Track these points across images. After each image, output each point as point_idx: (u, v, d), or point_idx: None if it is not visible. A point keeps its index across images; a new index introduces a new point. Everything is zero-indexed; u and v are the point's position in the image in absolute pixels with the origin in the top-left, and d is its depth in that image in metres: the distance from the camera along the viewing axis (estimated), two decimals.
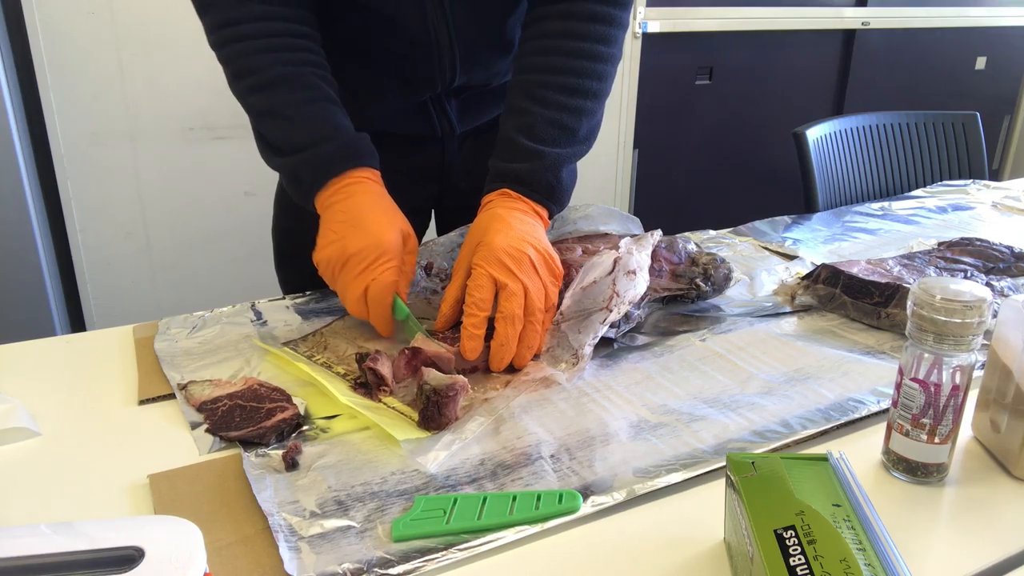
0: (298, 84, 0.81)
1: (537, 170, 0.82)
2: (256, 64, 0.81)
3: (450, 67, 0.92)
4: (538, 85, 0.84)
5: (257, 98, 0.82)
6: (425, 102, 0.97)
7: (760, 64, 2.85)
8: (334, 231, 0.78)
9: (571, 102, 0.83)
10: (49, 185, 1.87)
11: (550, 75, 0.84)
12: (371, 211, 0.79)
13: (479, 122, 1.04)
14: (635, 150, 2.65)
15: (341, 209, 0.79)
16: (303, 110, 0.81)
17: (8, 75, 1.72)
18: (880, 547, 0.44)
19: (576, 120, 0.84)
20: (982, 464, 0.63)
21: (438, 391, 0.66)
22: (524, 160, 0.82)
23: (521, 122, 0.83)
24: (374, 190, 0.81)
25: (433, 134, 1.01)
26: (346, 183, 0.80)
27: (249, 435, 0.64)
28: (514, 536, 0.54)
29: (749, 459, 0.51)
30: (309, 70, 0.82)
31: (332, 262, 0.77)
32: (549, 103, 0.83)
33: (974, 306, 0.54)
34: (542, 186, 0.82)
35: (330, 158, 0.80)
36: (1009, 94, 3.56)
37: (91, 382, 0.75)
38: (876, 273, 0.90)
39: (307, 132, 0.81)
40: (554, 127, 0.83)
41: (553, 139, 0.83)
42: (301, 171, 0.81)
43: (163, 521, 0.41)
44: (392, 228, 0.78)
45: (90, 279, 1.96)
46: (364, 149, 0.83)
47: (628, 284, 0.77)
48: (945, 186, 1.50)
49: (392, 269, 0.77)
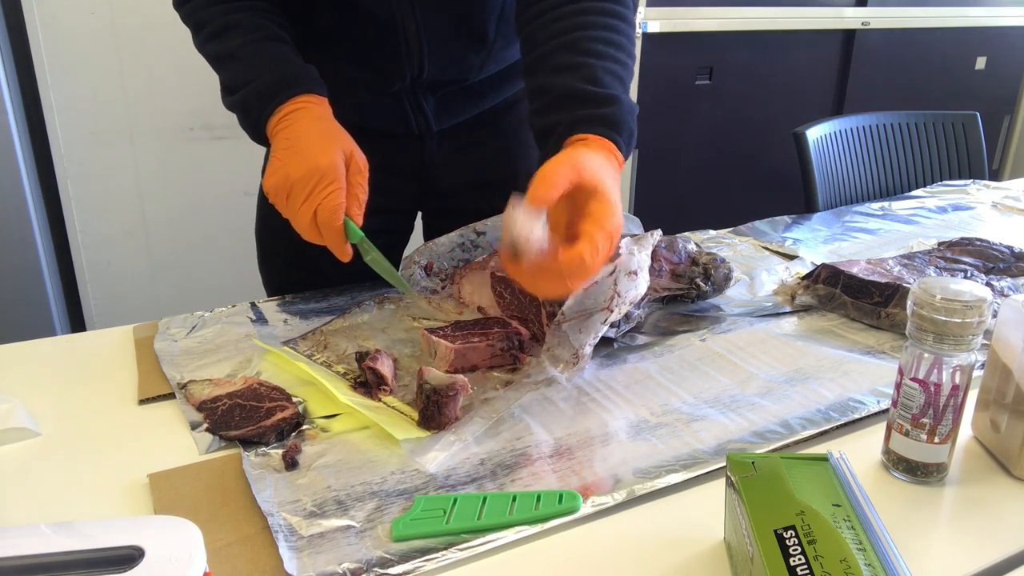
0: (246, 27, 0.83)
1: (619, 112, 0.76)
2: (210, 14, 0.84)
3: (418, 57, 0.92)
4: (585, 40, 0.80)
5: (212, 45, 0.84)
6: (400, 98, 0.97)
7: (760, 64, 2.85)
8: (278, 159, 0.78)
9: (618, 55, 0.80)
10: (49, 185, 1.87)
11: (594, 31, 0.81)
12: (310, 135, 0.78)
13: (457, 120, 1.03)
14: (635, 150, 2.65)
15: (284, 136, 0.79)
16: (250, 48, 0.83)
17: (8, 75, 1.72)
18: (880, 547, 0.44)
19: (626, 72, 0.81)
20: (982, 464, 0.63)
21: (438, 391, 0.66)
22: (602, 105, 0.76)
23: (582, 74, 0.78)
24: (315, 113, 0.81)
25: (409, 131, 1.00)
26: (289, 110, 0.80)
27: (249, 434, 0.64)
28: (514, 536, 0.54)
29: (749, 459, 0.51)
30: (257, 14, 0.85)
31: (278, 190, 0.77)
32: (602, 55, 0.79)
33: (974, 306, 0.54)
34: (626, 130, 0.76)
35: (272, 86, 0.80)
36: (1009, 94, 3.56)
37: (91, 382, 0.75)
38: (876, 273, 0.90)
39: (253, 66, 0.82)
40: (614, 77, 0.79)
41: (619, 88, 0.79)
42: (249, 103, 0.81)
43: (163, 521, 0.41)
44: (330, 150, 0.77)
45: (90, 279, 1.96)
46: (307, 76, 0.82)
47: (629, 284, 0.77)
48: (945, 186, 1.50)
49: (336, 191, 0.75)
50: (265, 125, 0.81)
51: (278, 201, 0.78)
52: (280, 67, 0.81)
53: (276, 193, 0.77)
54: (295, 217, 0.77)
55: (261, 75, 0.81)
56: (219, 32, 0.83)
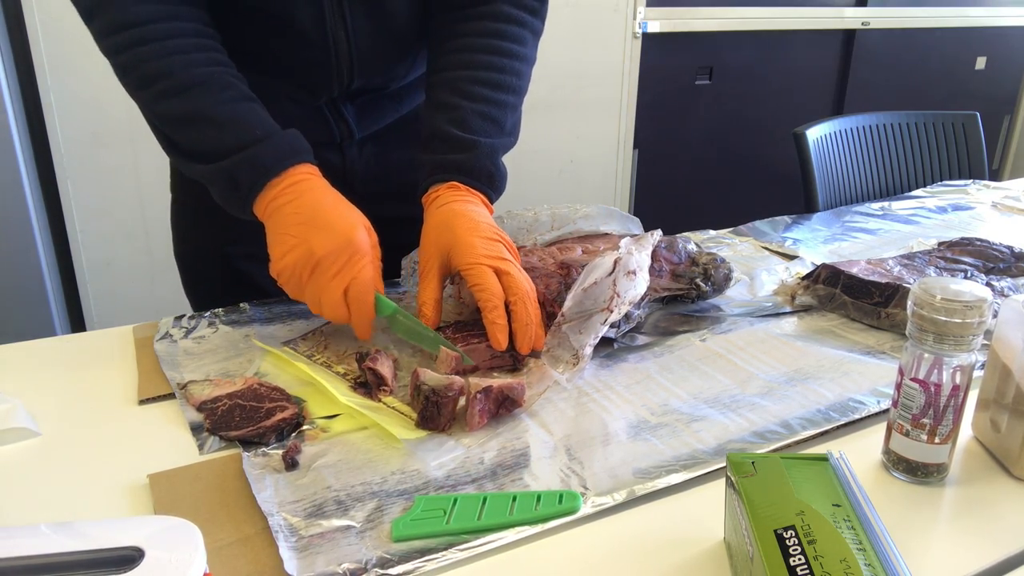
0: (217, 85, 0.76)
1: (476, 158, 0.83)
2: (166, 67, 0.75)
3: (348, 70, 0.89)
4: (462, 80, 0.85)
5: (172, 103, 0.76)
6: (320, 106, 0.93)
7: (760, 64, 2.85)
8: (293, 235, 0.73)
9: (495, 96, 0.85)
10: (49, 185, 1.87)
11: (472, 71, 0.85)
12: (331, 208, 0.75)
13: (378, 126, 1.00)
14: (635, 150, 2.65)
15: (293, 211, 0.74)
16: (228, 111, 0.76)
17: (8, 75, 1.72)
18: (880, 547, 0.44)
19: (501, 113, 0.86)
20: (982, 464, 0.63)
21: (436, 391, 0.66)
22: (461, 151, 0.83)
23: (451, 116, 0.84)
24: (322, 185, 0.77)
25: (331, 139, 0.96)
26: (290, 183, 0.76)
27: (249, 435, 0.64)
28: (514, 536, 0.54)
29: (749, 459, 0.51)
30: (223, 70, 0.78)
31: (299, 268, 0.73)
32: (475, 97, 0.85)
33: (974, 306, 0.54)
34: (483, 174, 0.83)
35: (268, 157, 0.75)
36: (1009, 94, 3.56)
37: (91, 382, 0.75)
38: (876, 273, 0.90)
39: (237, 133, 0.76)
40: (483, 119, 0.85)
41: (484, 130, 0.84)
42: (238, 174, 0.75)
43: (163, 521, 0.41)
44: (357, 223, 0.75)
45: (90, 279, 1.96)
46: (300, 145, 0.78)
47: (629, 284, 0.77)
48: (945, 186, 1.49)
49: (369, 266, 0.74)
50: (255, 198, 0.76)
51: (296, 278, 0.74)
52: (270, 136, 0.76)
53: (295, 272, 0.73)
54: (321, 295, 0.74)
55: (248, 144, 0.75)
56: (183, 89, 0.75)
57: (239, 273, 0.97)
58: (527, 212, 0.99)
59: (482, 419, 0.66)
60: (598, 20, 2.41)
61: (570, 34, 2.37)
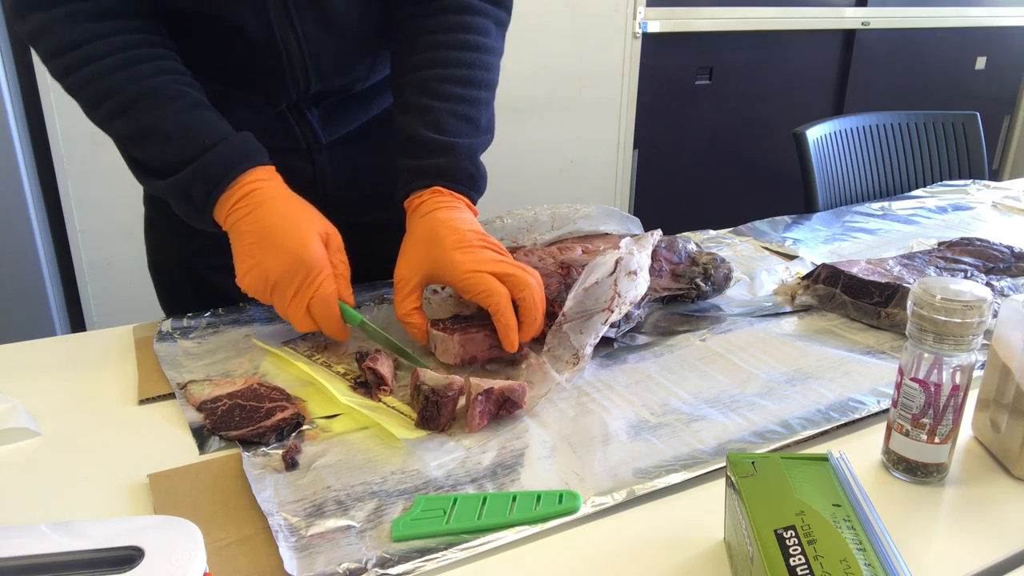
0: (163, 97, 0.74)
1: (455, 161, 0.81)
2: (111, 85, 0.73)
3: (303, 76, 0.86)
4: (432, 79, 0.83)
5: (122, 122, 0.75)
6: (283, 112, 0.91)
7: (760, 64, 2.85)
8: (249, 255, 0.72)
9: (467, 93, 0.83)
10: (49, 185, 1.87)
11: (442, 69, 0.83)
12: (280, 224, 0.73)
13: (347, 130, 0.97)
14: (635, 150, 2.65)
15: (246, 229, 0.73)
16: (175, 123, 0.74)
17: (8, 75, 1.72)
18: (880, 547, 0.44)
19: (476, 111, 0.84)
20: (982, 464, 0.63)
21: (436, 391, 0.66)
22: (440, 155, 0.81)
23: (426, 119, 0.82)
24: (273, 194, 0.75)
25: (297, 145, 0.94)
26: (242, 193, 0.74)
27: (249, 435, 0.64)
28: (514, 536, 0.54)
29: (749, 459, 0.51)
30: (170, 79, 0.76)
31: (258, 289, 0.73)
32: (448, 96, 0.82)
33: (974, 306, 0.54)
34: (464, 176, 0.81)
35: (219, 167, 0.73)
36: (1009, 94, 3.56)
37: (91, 382, 0.75)
38: (876, 273, 0.90)
39: (187, 144, 0.74)
40: (458, 119, 0.82)
41: (460, 131, 0.82)
42: (191, 187, 0.74)
43: (163, 521, 0.41)
44: (308, 237, 0.72)
45: (90, 279, 1.96)
46: (252, 148, 0.76)
47: (630, 285, 0.77)
48: (945, 186, 1.50)
49: (326, 281, 0.72)
50: (212, 211, 0.75)
51: (259, 296, 0.74)
52: (219, 144, 0.74)
53: (257, 291, 0.73)
54: (285, 314, 0.74)
55: (197, 155, 0.73)
56: (130, 106, 0.74)
57: (208, 284, 0.95)
58: (527, 212, 0.99)
59: (482, 421, 0.66)
60: (598, 20, 2.41)
61: (570, 34, 2.37)
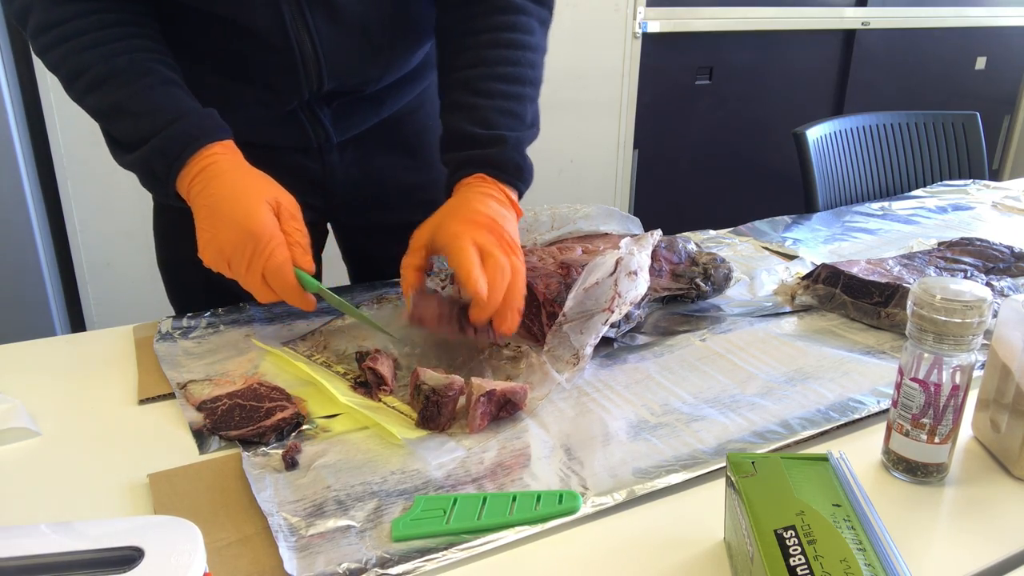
0: (133, 73, 0.76)
1: (502, 151, 0.81)
2: (85, 62, 0.75)
3: (316, 74, 0.87)
4: (478, 79, 0.84)
5: (95, 98, 0.77)
6: (295, 110, 0.91)
7: (760, 64, 2.85)
8: (205, 229, 0.74)
9: (512, 90, 0.84)
10: (49, 185, 1.87)
11: (487, 68, 0.84)
12: (228, 196, 0.74)
13: (358, 130, 0.98)
14: (635, 150, 2.65)
15: (202, 203, 0.74)
16: (142, 99, 0.76)
17: (8, 75, 1.72)
18: (880, 547, 0.44)
19: (520, 106, 0.85)
20: (982, 464, 0.63)
21: (436, 391, 0.66)
22: (487, 146, 0.81)
23: (472, 116, 0.83)
24: (227, 165, 0.76)
25: (308, 144, 0.95)
26: (199, 168, 0.75)
27: (249, 434, 0.64)
28: (514, 536, 0.54)
29: (749, 459, 0.51)
30: (142, 56, 0.77)
31: (216, 262, 0.75)
32: (493, 94, 0.83)
33: (974, 306, 0.54)
34: (511, 166, 0.82)
35: (177, 142, 0.75)
36: (1009, 94, 3.56)
37: (91, 382, 0.75)
38: (876, 273, 0.90)
39: (152, 119, 0.75)
40: (503, 114, 0.83)
41: (507, 124, 0.83)
42: (152, 164, 0.76)
43: (163, 521, 0.41)
44: (255, 207, 0.73)
45: (90, 279, 1.96)
46: (211, 123, 0.77)
47: (630, 285, 0.77)
48: (945, 186, 1.50)
49: (276, 249, 0.73)
50: (175, 186, 0.76)
51: (220, 270, 0.75)
52: (180, 119, 0.75)
53: (216, 265, 0.75)
54: (243, 284, 0.74)
55: (159, 130, 0.75)
56: (102, 82, 0.76)
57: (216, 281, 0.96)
58: (527, 212, 0.99)
59: (483, 422, 0.66)
60: (598, 20, 2.41)
61: (570, 34, 2.37)
